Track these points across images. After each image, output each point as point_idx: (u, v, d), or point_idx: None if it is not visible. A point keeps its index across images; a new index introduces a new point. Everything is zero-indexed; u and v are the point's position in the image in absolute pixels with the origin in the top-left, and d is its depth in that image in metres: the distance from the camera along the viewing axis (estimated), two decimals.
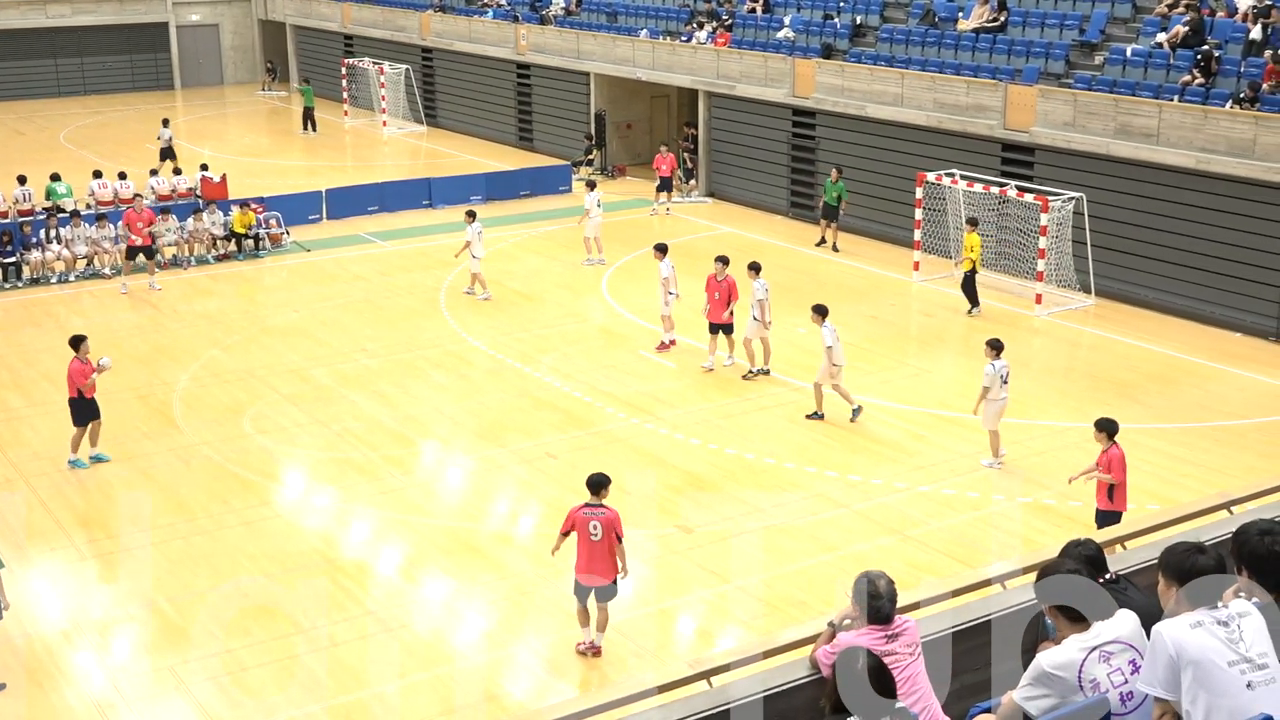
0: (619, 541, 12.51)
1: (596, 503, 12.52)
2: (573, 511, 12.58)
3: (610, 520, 12.45)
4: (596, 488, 12.58)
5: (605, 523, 12.42)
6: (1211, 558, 5.26)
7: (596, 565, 12.49)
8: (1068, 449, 17.71)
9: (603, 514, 12.44)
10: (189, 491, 16.78)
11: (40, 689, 12.47)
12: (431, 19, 44.04)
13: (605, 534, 12.41)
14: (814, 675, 6.11)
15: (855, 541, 15.23)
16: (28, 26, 51.33)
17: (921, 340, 22.90)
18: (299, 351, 22.16)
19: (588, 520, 12.42)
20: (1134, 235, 24.17)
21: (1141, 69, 25.13)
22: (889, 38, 30.39)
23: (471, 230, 24.73)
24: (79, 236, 27.10)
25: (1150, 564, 6.86)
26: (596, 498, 12.54)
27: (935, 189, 26.09)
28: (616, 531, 12.48)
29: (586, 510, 12.47)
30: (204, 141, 42.08)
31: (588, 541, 12.46)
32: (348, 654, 12.99)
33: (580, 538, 12.50)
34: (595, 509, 12.47)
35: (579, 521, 12.46)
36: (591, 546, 12.46)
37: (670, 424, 18.76)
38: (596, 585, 12.58)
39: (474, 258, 24.77)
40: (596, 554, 12.46)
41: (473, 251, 24.75)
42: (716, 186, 33.95)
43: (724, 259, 20.86)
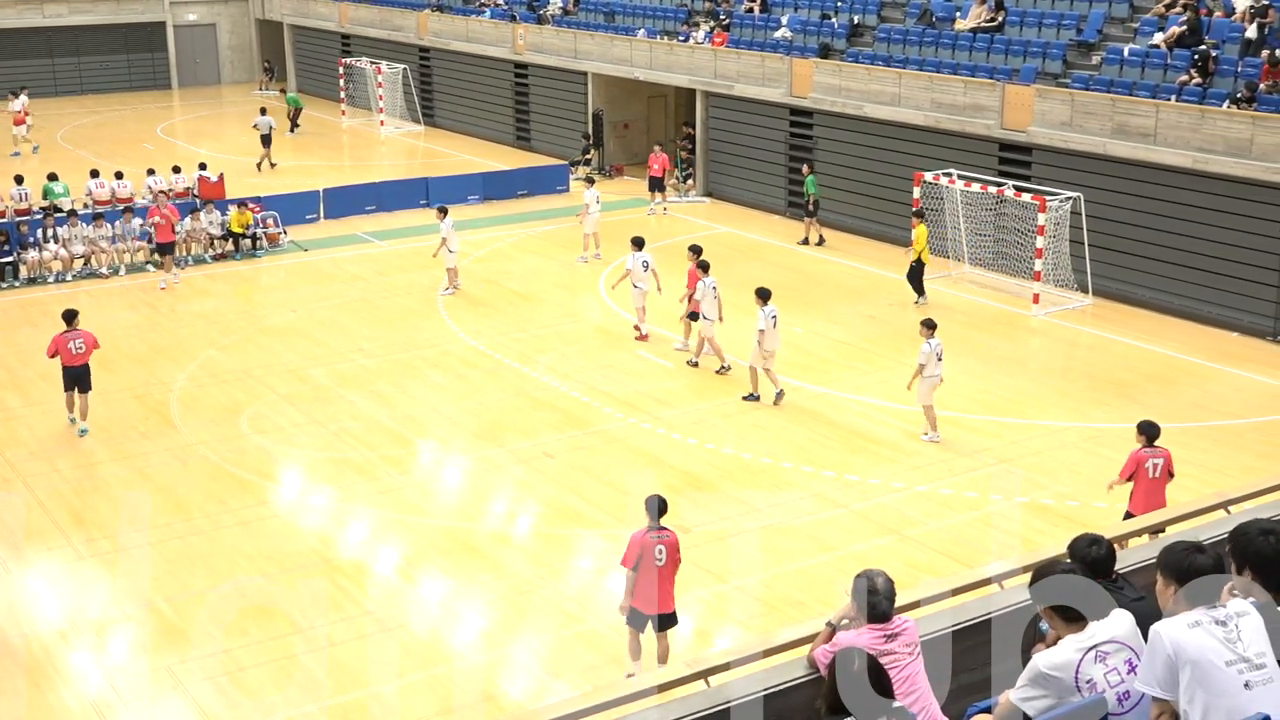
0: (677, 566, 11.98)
1: (660, 526, 11.85)
2: (637, 537, 11.83)
3: (674, 543, 11.88)
4: (661, 511, 11.91)
5: (670, 546, 11.83)
6: (1210, 557, 5.26)
7: (659, 592, 11.83)
8: (1065, 449, 17.73)
9: (667, 537, 11.84)
10: (186, 491, 16.77)
11: (37, 689, 12.46)
12: (429, 19, 44.02)
13: (669, 558, 11.83)
14: (812, 675, 6.11)
15: (853, 541, 15.23)
16: (24, 26, 51.30)
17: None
18: (296, 351, 22.15)
19: (654, 545, 11.75)
20: (1131, 235, 24.19)
21: (1139, 69, 25.15)
22: (886, 37, 30.39)
23: (445, 226, 25.02)
24: (76, 236, 27.07)
25: (1148, 564, 6.87)
26: (658, 520, 11.87)
27: (933, 188, 26.10)
28: (678, 556, 11.94)
29: (652, 535, 11.79)
30: (201, 141, 42.07)
31: (651, 568, 11.75)
32: (345, 654, 12.99)
33: (644, 565, 11.77)
34: (660, 533, 11.81)
35: (646, 547, 11.75)
36: (655, 573, 11.77)
37: (668, 424, 18.76)
38: (659, 614, 11.93)
39: (450, 252, 25.08)
40: (660, 580, 11.82)
41: (449, 246, 25.04)
42: (714, 186, 33.95)
43: (696, 248, 21.74)
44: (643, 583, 11.83)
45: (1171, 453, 14.00)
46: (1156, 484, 13.74)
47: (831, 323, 23.27)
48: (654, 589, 11.80)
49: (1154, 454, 13.79)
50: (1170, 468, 13.85)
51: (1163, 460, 13.79)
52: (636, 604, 11.90)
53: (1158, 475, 13.74)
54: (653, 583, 11.80)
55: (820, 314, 23.83)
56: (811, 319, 23.47)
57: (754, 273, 26.51)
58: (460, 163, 37.88)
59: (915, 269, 24.43)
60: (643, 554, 11.74)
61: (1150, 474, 13.73)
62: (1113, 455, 17.46)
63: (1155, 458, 13.77)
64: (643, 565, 11.75)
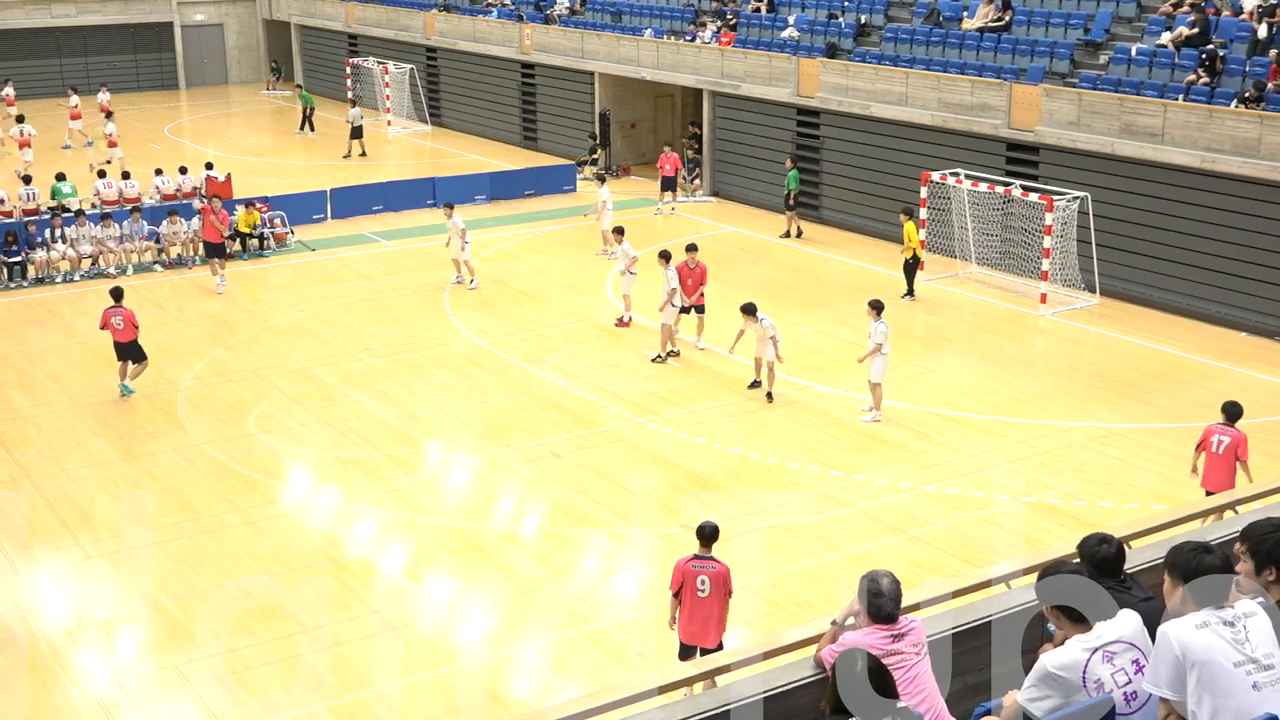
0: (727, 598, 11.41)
1: (706, 555, 11.32)
2: (680, 565, 11.34)
3: (721, 575, 11.25)
4: (709, 539, 11.38)
5: (715, 578, 11.22)
6: (1218, 558, 5.24)
7: (702, 625, 11.29)
8: (1072, 449, 17.70)
9: (712, 568, 11.24)
10: (193, 491, 16.79)
11: (45, 688, 12.48)
12: (436, 18, 44.04)
13: (715, 590, 11.22)
14: (818, 675, 6.10)
15: (860, 541, 15.22)
16: (33, 26, 51.37)
17: (926, 340, 22.86)
18: (303, 351, 22.17)
19: (696, 575, 11.22)
20: (1138, 235, 24.14)
21: (1146, 68, 25.10)
22: (894, 37, 30.36)
23: (455, 222, 25.39)
24: (84, 236, 27.11)
25: (1155, 564, 6.85)
26: (706, 549, 11.35)
27: (940, 188, 26.07)
28: (728, 588, 11.34)
29: (696, 563, 11.27)
30: (208, 141, 42.11)
31: (693, 598, 11.25)
32: (351, 653, 12.99)
33: (686, 594, 11.29)
34: (705, 562, 11.27)
35: (687, 575, 11.25)
36: (696, 604, 11.25)
37: (674, 423, 18.75)
38: (703, 647, 11.27)
39: (465, 245, 25.51)
40: (703, 612, 11.26)
41: (464, 239, 25.46)
42: (721, 186, 33.93)
43: (694, 246, 22.29)
44: (683, 612, 11.37)
45: (1248, 438, 14.25)
46: (1219, 461, 14.09)
47: (838, 322, 23.22)
48: (692, 620, 11.31)
49: (1224, 431, 14.17)
50: (1240, 450, 14.06)
51: (1230, 439, 14.09)
52: (682, 637, 11.47)
53: (1221, 452, 14.06)
54: (694, 614, 11.29)
55: (827, 313, 23.81)
56: (818, 318, 23.45)
57: (760, 272, 26.52)
58: (467, 163, 37.89)
59: (910, 265, 24.48)
60: (685, 582, 11.29)
61: (1214, 448, 14.12)
62: (1120, 455, 17.47)
63: (1224, 435, 14.14)
64: (685, 595, 11.32)
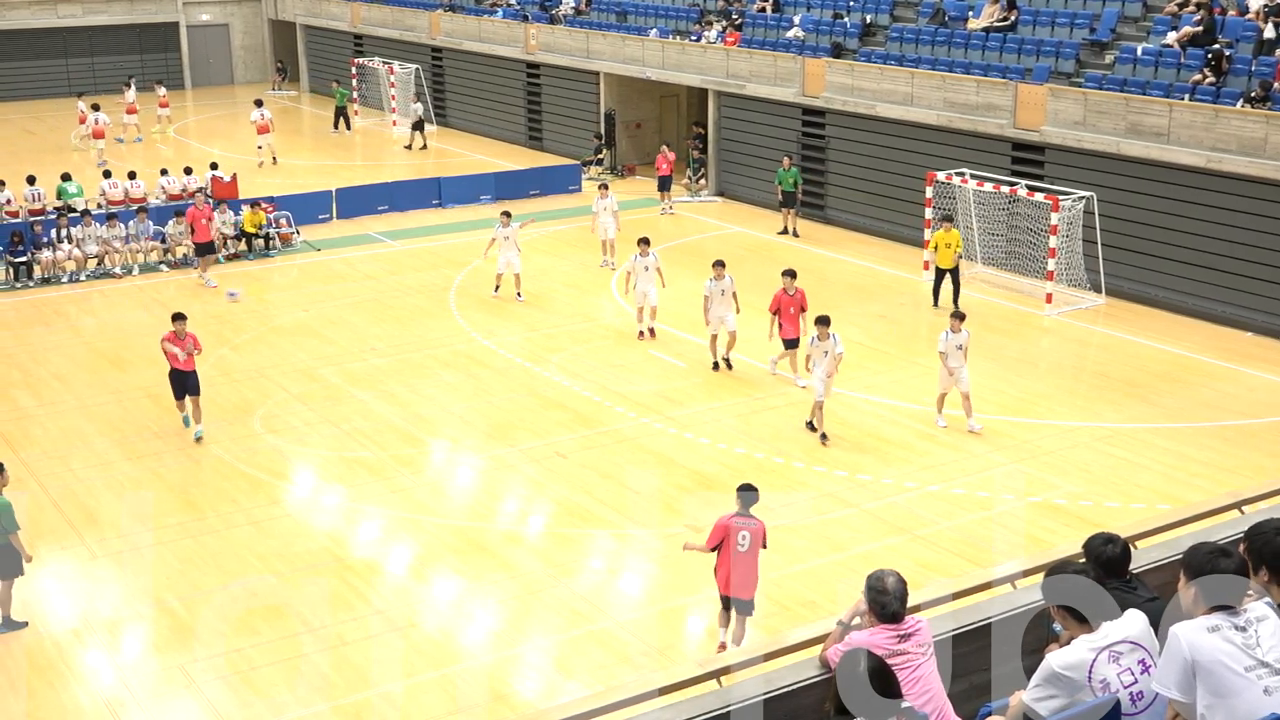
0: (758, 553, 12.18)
1: (747, 513, 12.03)
2: (723, 521, 12.04)
3: (760, 531, 12.05)
4: (752, 500, 12.07)
5: (755, 534, 12.00)
6: (1235, 561, 5.18)
7: (742, 577, 12.10)
8: (1078, 448, 17.68)
9: (753, 525, 12.01)
10: (199, 490, 16.81)
11: (50, 687, 12.50)
12: (441, 18, 44.06)
13: (753, 545, 12.02)
14: (823, 675, 6.08)
15: (864, 541, 15.21)
16: (39, 26, 51.46)
17: (931, 340, 22.78)
18: (308, 351, 22.18)
19: (738, 530, 11.95)
20: (1144, 234, 24.11)
21: (1152, 68, 25.06)
22: (899, 37, 30.33)
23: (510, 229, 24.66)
24: (90, 236, 27.14)
25: (1160, 564, 6.84)
26: (745, 509, 12.05)
27: (945, 188, 26.04)
28: (763, 542, 12.15)
29: (738, 520, 11.99)
30: (214, 141, 42.16)
31: (733, 553, 11.97)
32: (356, 653, 13.00)
33: (727, 548, 11.99)
34: (746, 519, 11.99)
35: (730, 531, 11.95)
36: (738, 558, 12.00)
37: (679, 423, 18.75)
38: (735, 597, 12.20)
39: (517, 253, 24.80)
40: (743, 566, 12.04)
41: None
42: (726, 185, 33.92)
43: (792, 272, 20.11)
44: (723, 567, 12.14)
45: None
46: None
47: (843, 323, 23.16)
48: (732, 571, 12.08)
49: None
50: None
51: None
52: (721, 589, 12.26)
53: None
54: (733, 568, 12.07)
55: (832, 313, 23.69)
56: None
57: (765, 272, 26.47)
58: (472, 162, 37.90)
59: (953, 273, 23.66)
60: (726, 537, 11.98)
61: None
62: (1125, 455, 17.45)
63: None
64: (726, 548, 12.02)
